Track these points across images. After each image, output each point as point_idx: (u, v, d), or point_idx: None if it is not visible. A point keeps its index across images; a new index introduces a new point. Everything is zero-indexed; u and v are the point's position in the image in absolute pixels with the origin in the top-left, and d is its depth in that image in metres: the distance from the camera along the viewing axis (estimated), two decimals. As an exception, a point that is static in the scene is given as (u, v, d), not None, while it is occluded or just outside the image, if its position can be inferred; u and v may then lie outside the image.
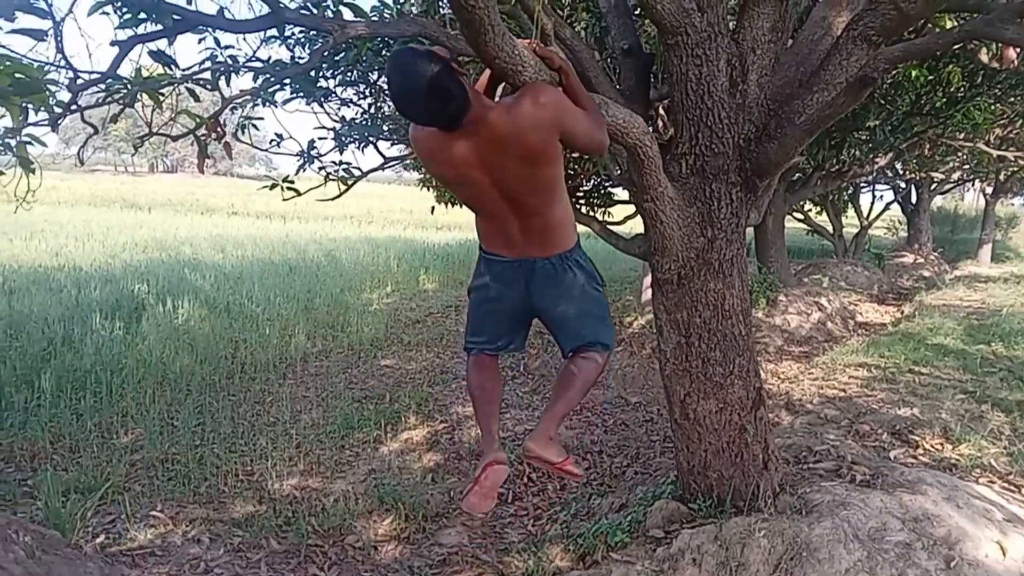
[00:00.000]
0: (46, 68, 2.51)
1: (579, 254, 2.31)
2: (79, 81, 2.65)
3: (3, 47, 2.29)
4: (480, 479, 2.23)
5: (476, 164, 2.02)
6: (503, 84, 2.24)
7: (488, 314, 2.39)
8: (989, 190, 16.45)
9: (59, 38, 2.49)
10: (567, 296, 2.28)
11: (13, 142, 2.38)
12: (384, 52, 4.02)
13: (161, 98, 2.69)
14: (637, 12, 4.13)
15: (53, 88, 2.53)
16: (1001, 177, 15.00)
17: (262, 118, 3.94)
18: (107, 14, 2.68)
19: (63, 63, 2.58)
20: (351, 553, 3.91)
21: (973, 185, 19.23)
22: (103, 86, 2.73)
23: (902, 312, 10.11)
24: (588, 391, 2.42)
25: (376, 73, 4.85)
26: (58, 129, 2.77)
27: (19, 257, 11.45)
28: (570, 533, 3.62)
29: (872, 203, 15.88)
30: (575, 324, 2.33)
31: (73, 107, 2.71)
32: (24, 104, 2.27)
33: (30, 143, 2.42)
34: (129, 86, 2.62)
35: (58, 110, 2.63)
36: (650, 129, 2.72)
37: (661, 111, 5.08)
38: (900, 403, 5.07)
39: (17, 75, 2.16)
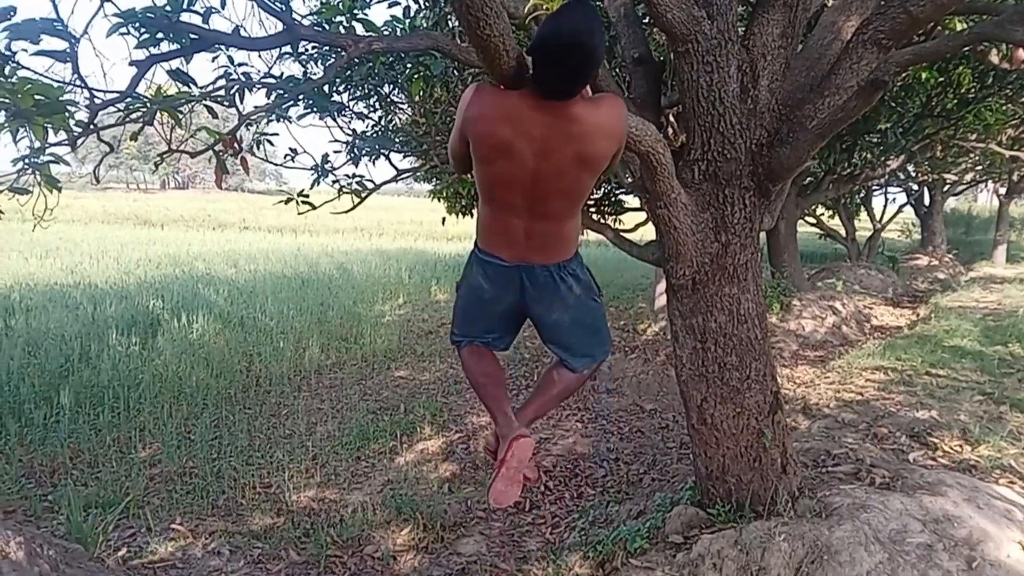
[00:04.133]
0: (65, 89, 2.55)
1: (577, 264, 2.29)
2: (97, 101, 2.70)
3: (25, 68, 2.34)
4: (507, 459, 2.18)
5: (537, 141, 1.96)
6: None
7: (480, 312, 2.38)
8: (1003, 191, 16.35)
9: (75, 59, 2.54)
10: (562, 305, 2.26)
11: (39, 160, 2.42)
12: (396, 66, 4.07)
13: (180, 116, 2.73)
14: (647, 21, 4.16)
15: (72, 108, 2.57)
16: (1014, 177, 14.91)
17: (277, 134, 3.99)
18: (125, 35, 2.72)
19: (80, 83, 2.62)
20: (370, 563, 3.92)
21: (986, 186, 19.13)
22: (121, 105, 2.78)
23: (918, 315, 10.06)
24: (565, 399, 2.43)
25: (388, 86, 4.90)
26: (76, 148, 2.81)
27: (35, 275, 11.57)
28: (588, 540, 3.62)
29: (885, 206, 15.82)
30: (567, 334, 2.34)
31: (91, 127, 2.76)
32: (46, 124, 2.31)
33: (55, 162, 2.46)
34: (148, 105, 2.66)
35: (77, 130, 2.67)
36: (662, 136, 2.74)
37: (672, 118, 5.10)
38: (918, 405, 5.05)
39: (39, 96, 2.21)
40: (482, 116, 2.00)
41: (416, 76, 3.56)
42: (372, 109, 5.50)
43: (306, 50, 4.22)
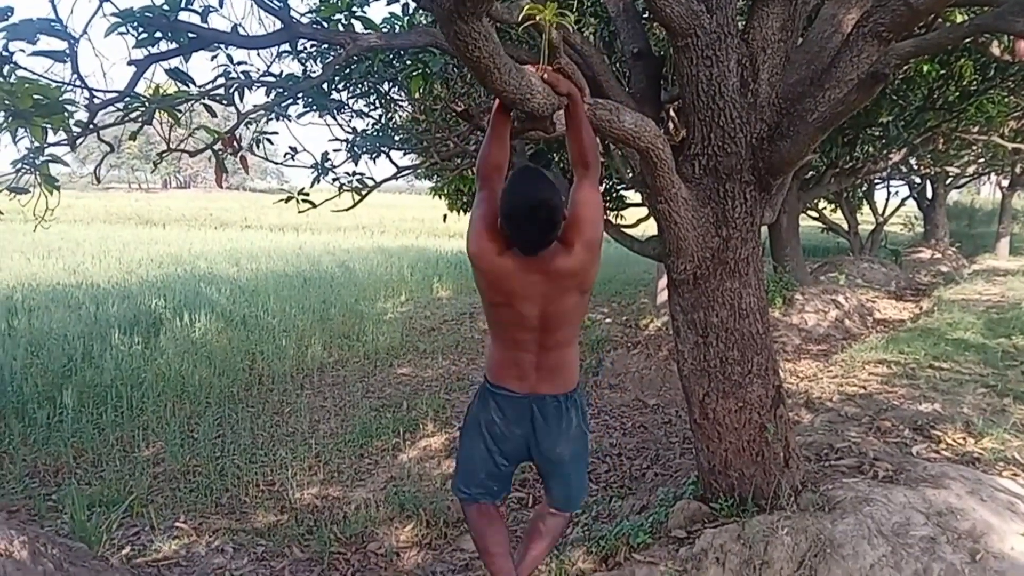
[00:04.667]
0: (63, 88, 2.55)
1: (579, 393, 2.42)
2: (96, 100, 2.69)
3: (23, 68, 2.34)
4: None
5: (536, 296, 2.17)
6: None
7: (486, 454, 2.41)
8: (1005, 183, 16.30)
9: (74, 59, 2.53)
10: (566, 436, 2.37)
11: (37, 161, 2.42)
12: (395, 63, 4.06)
13: (179, 115, 2.72)
14: (646, 15, 4.15)
15: (71, 108, 2.57)
16: (1017, 170, 14.86)
17: (276, 132, 3.97)
18: (123, 34, 2.72)
19: (79, 83, 2.62)
20: (374, 560, 3.93)
21: (989, 178, 19.05)
22: (120, 105, 2.77)
23: (920, 308, 10.04)
24: (555, 545, 2.60)
25: (387, 84, 4.88)
26: (76, 148, 2.81)
27: (37, 275, 11.58)
28: (592, 535, 3.62)
29: (887, 199, 15.79)
30: (567, 469, 2.45)
31: (91, 126, 2.75)
32: (45, 125, 2.31)
33: (54, 162, 2.46)
34: (147, 104, 2.66)
35: (77, 130, 2.67)
36: (662, 132, 2.73)
37: (672, 113, 5.09)
38: (921, 398, 5.04)
39: (37, 97, 2.20)
40: (486, 269, 2.20)
41: (415, 73, 3.55)
42: (372, 107, 5.48)
43: (305, 48, 4.21)
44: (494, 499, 2.49)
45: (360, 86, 4.79)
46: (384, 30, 3.42)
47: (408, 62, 3.75)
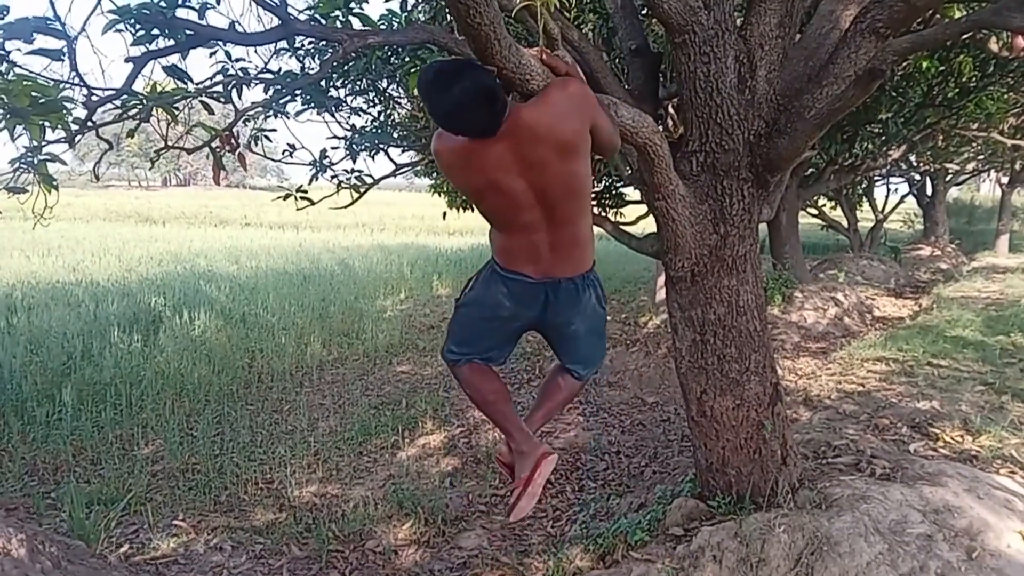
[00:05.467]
0: (62, 86, 2.55)
1: (595, 273, 2.31)
2: (94, 98, 2.69)
3: (20, 67, 2.34)
4: (533, 477, 2.22)
5: (513, 166, 1.98)
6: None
7: (489, 330, 2.33)
8: (1005, 180, 16.28)
9: (73, 57, 2.53)
10: (581, 315, 2.28)
11: (35, 160, 2.42)
12: (393, 60, 4.06)
13: (176, 112, 2.72)
14: (644, 12, 4.15)
15: (69, 106, 2.57)
16: (1017, 166, 14.83)
17: (275, 129, 3.98)
18: (121, 31, 2.72)
19: (78, 81, 2.62)
20: (372, 558, 3.93)
21: (989, 175, 19.04)
22: (118, 102, 2.77)
23: (920, 305, 10.04)
24: (568, 405, 2.45)
25: (385, 81, 4.89)
26: (74, 146, 2.81)
27: (37, 273, 11.58)
28: (590, 533, 3.63)
29: (887, 196, 15.79)
30: (581, 344, 2.37)
31: (89, 124, 2.75)
32: (43, 123, 2.31)
33: (51, 161, 2.46)
34: (144, 101, 2.66)
35: (75, 127, 2.67)
36: (660, 128, 2.73)
37: (671, 109, 5.09)
38: (919, 396, 5.04)
39: (35, 94, 2.21)
40: (453, 168, 2.08)
41: (413, 70, 3.55)
42: (371, 104, 5.49)
43: (303, 45, 4.21)
44: (490, 362, 2.40)
45: (358, 83, 4.80)
46: (382, 27, 3.42)
47: (406, 59, 3.75)
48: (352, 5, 3.27)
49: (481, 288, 2.30)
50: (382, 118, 5.57)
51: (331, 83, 4.51)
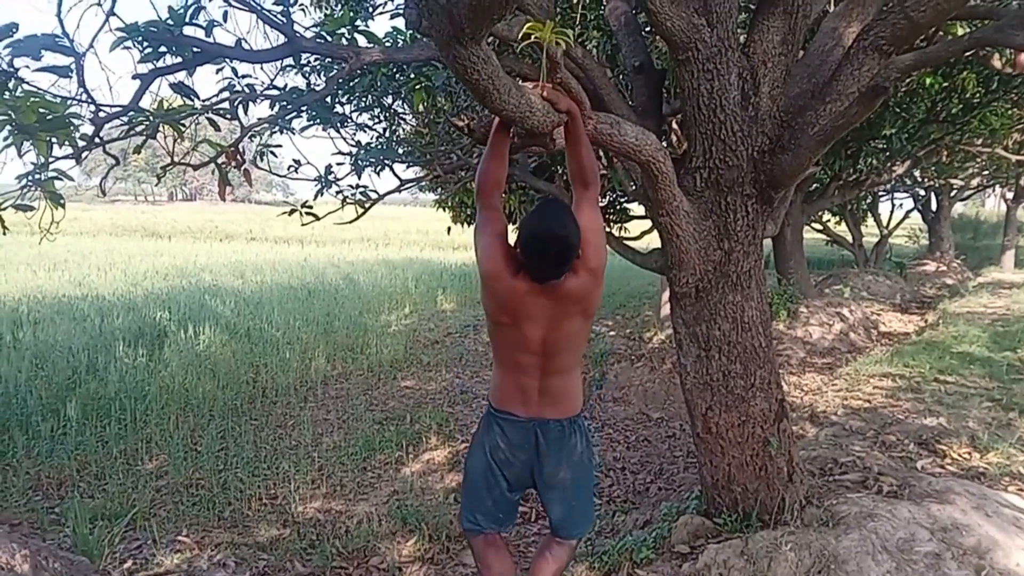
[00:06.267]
0: (69, 103, 2.57)
1: (582, 419, 2.45)
2: (101, 115, 2.71)
3: (28, 83, 2.36)
4: None
5: (539, 319, 2.21)
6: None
7: (491, 483, 2.42)
8: (1010, 195, 16.27)
9: (81, 73, 2.55)
10: (569, 461, 2.39)
11: (42, 177, 2.43)
12: (398, 76, 4.08)
13: (182, 128, 2.74)
14: (648, 29, 4.17)
15: (76, 122, 2.59)
16: (1022, 182, 14.84)
17: (280, 145, 3.99)
18: (128, 48, 2.74)
19: (85, 97, 2.64)
20: (375, 575, 3.91)
21: (993, 191, 19.04)
22: (125, 118, 2.79)
23: (926, 321, 10.00)
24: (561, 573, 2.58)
25: (391, 98, 4.91)
26: (82, 162, 2.83)
27: (43, 288, 11.62)
28: (595, 551, 3.60)
29: (891, 211, 15.79)
30: (571, 495, 2.45)
31: (96, 140, 2.77)
32: (50, 139, 2.33)
33: (58, 178, 2.47)
34: (151, 118, 2.68)
35: (82, 143, 2.69)
36: (664, 144, 2.74)
37: (675, 126, 5.10)
38: (926, 412, 5.01)
39: (42, 111, 2.22)
40: (491, 288, 2.23)
41: (418, 87, 3.57)
42: (376, 120, 5.51)
43: (308, 62, 4.24)
44: (500, 528, 2.51)
45: (364, 99, 4.82)
46: (387, 44, 3.44)
47: (411, 76, 3.77)
48: (358, 23, 3.30)
49: (480, 435, 2.47)
50: (387, 134, 5.60)
51: (336, 99, 4.54)
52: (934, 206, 16.62)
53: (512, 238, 2.26)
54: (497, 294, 2.23)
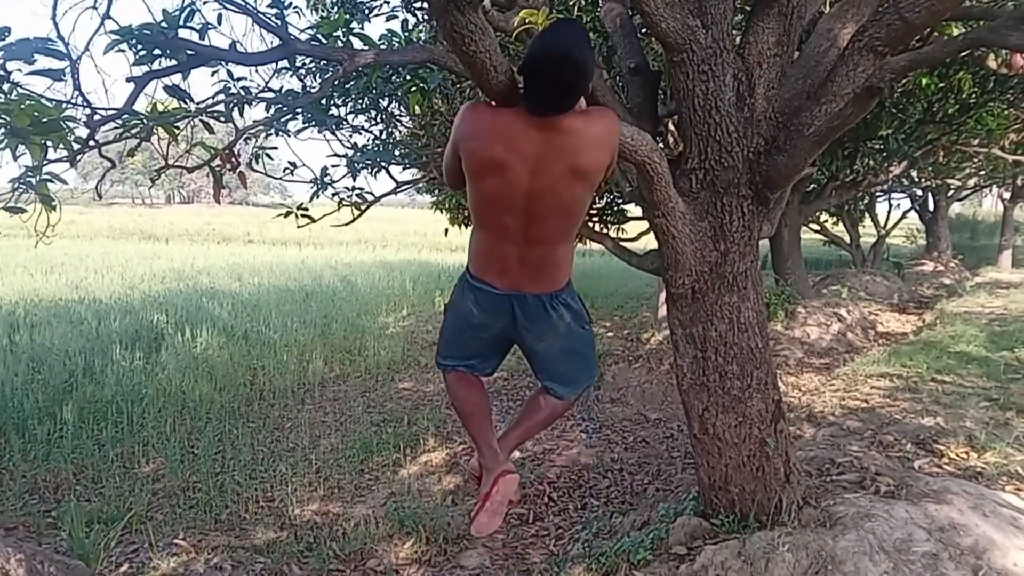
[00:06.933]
0: (64, 106, 2.56)
1: (568, 293, 2.27)
2: (96, 117, 2.71)
3: (21, 88, 2.35)
4: (491, 494, 2.25)
5: (530, 158, 1.96)
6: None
7: (468, 338, 2.35)
8: (1007, 195, 16.30)
9: (76, 76, 2.55)
10: (552, 332, 2.25)
11: (34, 180, 2.43)
12: (394, 79, 4.08)
13: (177, 131, 2.74)
14: (643, 31, 4.17)
15: (71, 125, 2.58)
16: (1019, 182, 14.86)
17: (276, 147, 4.00)
18: (123, 51, 2.74)
19: (80, 100, 2.63)
20: (373, 577, 3.90)
21: (991, 191, 19.06)
22: (120, 121, 2.79)
23: (923, 321, 10.01)
24: (549, 425, 2.47)
25: (386, 99, 4.92)
26: (76, 165, 2.83)
27: (40, 291, 11.60)
28: (592, 552, 3.59)
29: (889, 212, 15.80)
30: (556, 362, 2.34)
31: (91, 143, 2.77)
32: (44, 142, 2.32)
33: (51, 181, 2.47)
34: (146, 121, 2.67)
35: (76, 146, 2.68)
36: (660, 145, 2.74)
37: (671, 127, 5.10)
38: (923, 412, 5.01)
39: (37, 114, 2.22)
40: (475, 134, 2.00)
41: (413, 89, 3.57)
42: (372, 122, 5.52)
43: (304, 64, 4.24)
44: (474, 371, 2.41)
45: (360, 102, 4.82)
46: (382, 46, 3.44)
47: (407, 77, 3.77)
48: (353, 25, 3.30)
49: (456, 296, 2.33)
50: (383, 136, 5.60)
51: (332, 102, 4.54)
52: (931, 206, 16.63)
53: None
54: (480, 137, 1.99)
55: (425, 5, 4.22)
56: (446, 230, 8.04)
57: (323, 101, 4.19)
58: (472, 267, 2.24)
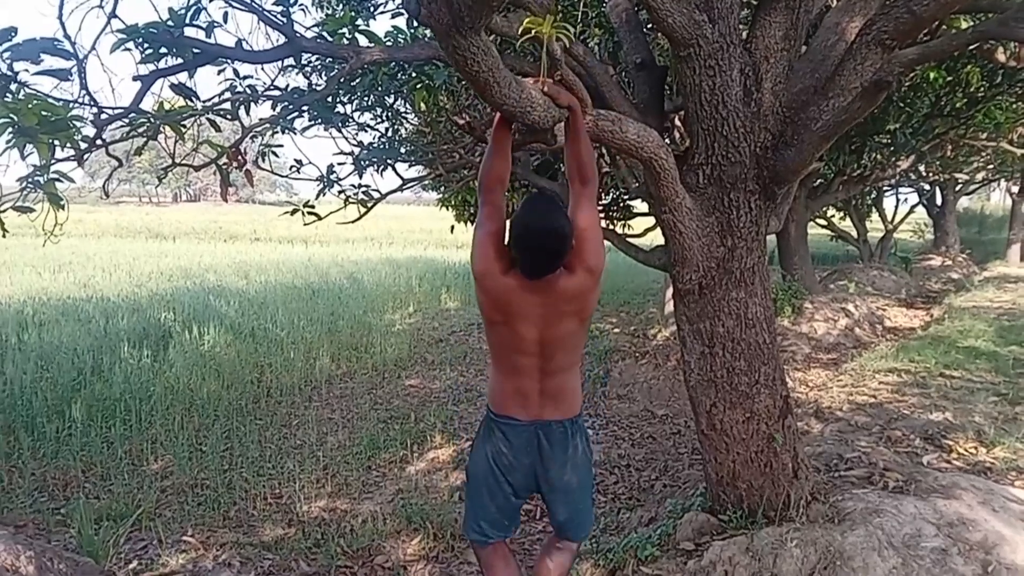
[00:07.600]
0: (71, 105, 2.57)
1: (582, 420, 2.44)
2: (103, 116, 2.71)
3: (28, 87, 2.36)
4: None
5: (535, 315, 2.20)
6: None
7: (494, 490, 2.40)
8: (1015, 189, 16.22)
9: (83, 75, 2.55)
10: (572, 463, 2.38)
11: (42, 179, 2.44)
12: (400, 76, 4.08)
13: (183, 129, 2.74)
14: (649, 26, 4.15)
15: (78, 124, 2.59)
16: (1027, 175, 14.78)
17: (282, 145, 3.99)
18: (129, 50, 2.74)
19: (87, 99, 2.64)
20: (380, 574, 3.91)
21: (999, 185, 18.97)
22: (127, 120, 2.79)
23: (931, 315, 9.97)
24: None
25: (392, 97, 4.91)
26: (84, 163, 2.83)
27: (48, 289, 11.65)
28: (600, 548, 3.59)
29: (896, 206, 15.74)
30: (576, 499, 2.45)
31: (98, 142, 2.77)
32: (51, 141, 2.33)
33: (59, 180, 2.47)
34: (152, 119, 2.68)
35: (84, 145, 2.69)
36: (666, 141, 2.73)
37: (678, 122, 5.08)
38: (932, 407, 5.00)
39: (44, 114, 2.22)
40: (491, 291, 2.25)
41: (419, 86, 3.57)
42: (378, 120, 5.51)
43: (310, 62, 4.24)
44: (506, 535, 2.50)
45: (365, 99, 4.82)
46: (388, 43, 3.43)
47: (413, 74, 3.76)
48: (358, 22, 3.29)
49: (482, 438, 2.45)
50: (389, 134, 5.59)
51: (338, 99, 4.54)
52: (939, 200, 16.57)
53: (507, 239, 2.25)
54: (489, 292, 2.24)
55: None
56: (452, 227, 8.05)
57: (329, 99, 4.19)
58: (493, 406, 2.39)
